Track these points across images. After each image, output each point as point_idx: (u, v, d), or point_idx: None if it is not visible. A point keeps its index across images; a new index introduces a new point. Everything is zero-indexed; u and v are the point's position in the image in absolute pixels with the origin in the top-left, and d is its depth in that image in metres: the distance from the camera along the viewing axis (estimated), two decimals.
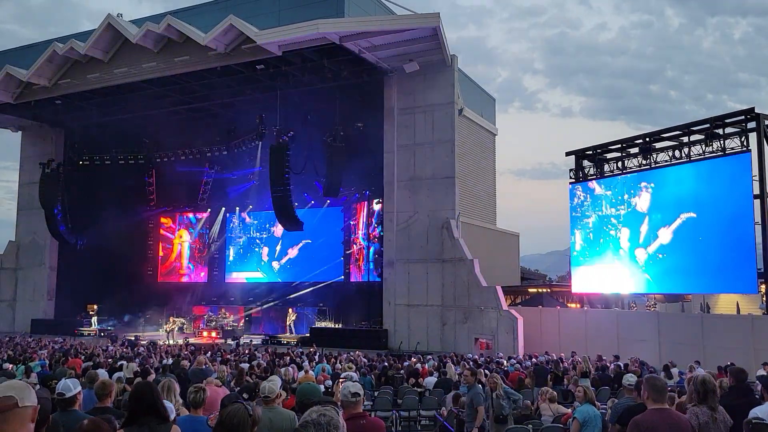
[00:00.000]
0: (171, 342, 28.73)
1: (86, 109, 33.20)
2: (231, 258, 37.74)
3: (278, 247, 36.07)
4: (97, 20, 29.39)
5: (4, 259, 37.84)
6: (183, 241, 39.42)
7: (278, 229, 35.21)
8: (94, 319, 34.20)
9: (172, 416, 4.61)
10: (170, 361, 15.52)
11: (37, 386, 10.68)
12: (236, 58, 26.54)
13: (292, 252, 35.34)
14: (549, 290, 36.40)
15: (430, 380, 14.54)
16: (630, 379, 7.40)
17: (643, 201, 24.80)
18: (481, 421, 8.67)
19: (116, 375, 10.76)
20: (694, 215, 22.64)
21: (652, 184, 24.63)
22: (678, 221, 23.14)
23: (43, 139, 37.62)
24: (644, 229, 24.58)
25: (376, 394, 12.99)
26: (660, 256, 23.93)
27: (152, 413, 4.08)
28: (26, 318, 35.62)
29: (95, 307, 34.67)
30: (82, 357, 17.14)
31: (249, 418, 3.53)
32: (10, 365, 14.30)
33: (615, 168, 26.81)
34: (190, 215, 39.28)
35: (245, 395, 8.17)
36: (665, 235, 23.65)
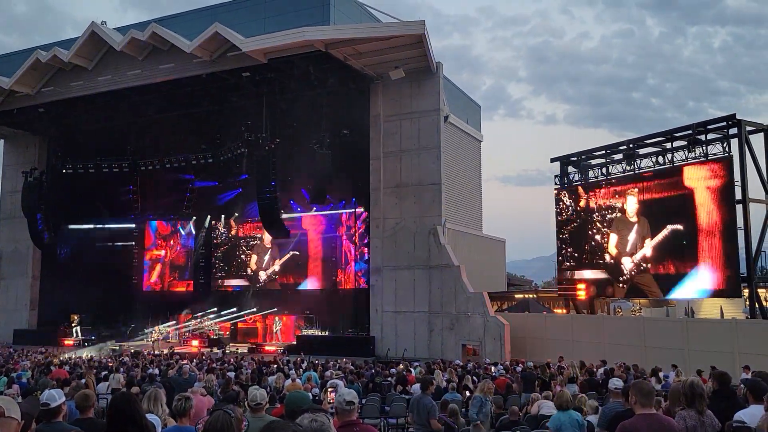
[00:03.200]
0: (156, 351, 28.42)
1: (70, 116, 32.89)
2: (217, 266, 37.47)
3: (266, 256, 35.89)
4: (82, 28, 29.19)
5: None
6: (168, 249, 39.09)
7: (265, 237, 35.06)
8: (78, 329, 33.74)
9: (159, 430, 4.52)
10: (155, 370, 15.36)
11: (19, 398, 10.54)
12: (221, 66, 26.47)
13: (279, 260, 35.16)
14: (535, 296, 36.54)
15: (418, 387, 14.48)
16: (616, 383, 7.36)
17: (628, 207, 25.03)
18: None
19: (101, 385, 10.63)
20: (679, 221, 22.88)
21: (636, 190, 24.87)
22: (662, 227, 23.38)
23: (25, 147, 37.20)
24: (629, 234, 24.80)
25: (363, 401, 12.94)
26: (644, 263, 24.14)
27: (133, 426, 3.91)
28: (8, 328, 35.07)
29: (77, 317, 34.22)
30: (66, 368, 16.92)
31: (231, 419, 3.52)
32: None
33: (599, 174, 27.06)
34: (176, 223, 38.94)
35: (227, 403, 8.10)
36: (650, 241, 23.87)
